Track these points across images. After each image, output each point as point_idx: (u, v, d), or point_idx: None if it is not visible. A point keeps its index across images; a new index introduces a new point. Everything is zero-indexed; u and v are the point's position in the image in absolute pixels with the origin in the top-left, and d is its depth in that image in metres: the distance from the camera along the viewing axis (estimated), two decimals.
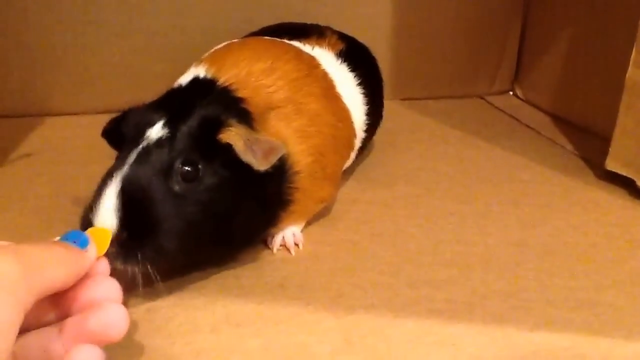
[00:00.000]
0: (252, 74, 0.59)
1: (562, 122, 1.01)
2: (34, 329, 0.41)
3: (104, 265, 0.45)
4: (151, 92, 0.60)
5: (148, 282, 0.48)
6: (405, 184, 0.76)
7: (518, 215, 0.69)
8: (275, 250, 0.60)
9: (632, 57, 0.73)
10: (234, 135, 0.50)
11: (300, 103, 0.60)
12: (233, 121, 0.52)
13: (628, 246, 0.62)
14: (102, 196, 0.48)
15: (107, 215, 0.47)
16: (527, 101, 1.13)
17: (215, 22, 0.99)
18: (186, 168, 0.50)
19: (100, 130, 0.57)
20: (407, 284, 0.55)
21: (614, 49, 0.89)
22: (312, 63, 0.66)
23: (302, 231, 0.63)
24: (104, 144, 0.91)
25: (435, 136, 0.95)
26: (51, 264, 0.38)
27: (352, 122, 0.69)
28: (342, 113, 0.67)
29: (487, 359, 0.45)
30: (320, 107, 0.62)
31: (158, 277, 0.48)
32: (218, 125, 0.51)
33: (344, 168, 0.71)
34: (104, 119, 0.54)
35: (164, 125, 0.51)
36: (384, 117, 0.84)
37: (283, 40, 0.70)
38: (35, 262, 0.37)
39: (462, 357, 0.45)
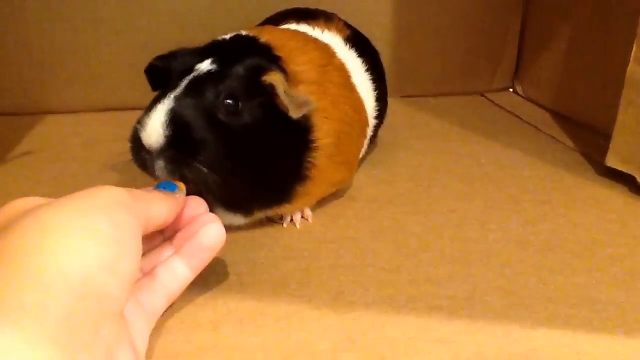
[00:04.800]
0: (287, 47, 0.61)
1: (562, 118, 1.01)
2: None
3: (204, 205, 0.51)
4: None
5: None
6: (406, 181, 0.76)
7: (518, 212, 0.69)
8: (285, 225, 0.63)
9: (632, 53, 0.73)
10: (276, 78, 0.55)
11: (324, 87, 0.62)
12: (276, 68, 0.57)
13: (629, 242, 0.62)
14: (151, 113, 0.51)
15: (155, 130, 0.51)
16: (527, 98, 1.13)
17: (214, 19, 0.99)
18: (229, 101, 0.54)
19: (99, 128, 0.58)
20: (407, 281, 0.55)
21: (614, 45, 0.89)
22: (330, 51, 0.68)
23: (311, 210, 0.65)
24: (103, 142, 0.91)
25: (435, 133, 0.95)
26: (154, 201, 0.44)
27: (365, 111, 0.71)
28: (357, 102, 0.69)
29: (487, 356, 0.45)
30: (340, 95, 0.63)
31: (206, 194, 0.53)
32: (262, 69, 0.56)
33: (360, 156, 0.74)
34: (103, 117, 0.54)
35: (213, 62, 0.55)
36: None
37: (291, 25, 0.73)
38: (141, 196, 0.42)
39: (462, 354, 0.45)
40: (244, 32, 0.62)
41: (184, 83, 0.54)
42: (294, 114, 0.55)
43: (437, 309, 0.51)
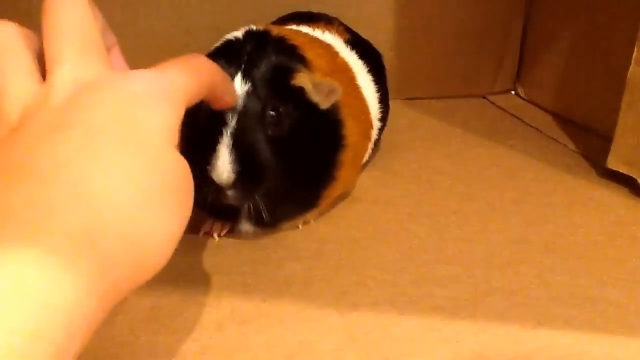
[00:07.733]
0: (297, 40, 0.62)
1: (563, 120, 1.02)
2: None
3: None
4: None
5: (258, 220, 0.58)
6: (408, 182, 0.77)
7: (520, 213, 0.69)
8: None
9: (634, 55, 0.73)
10: (304, 78, 0.56)
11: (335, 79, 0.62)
12: (300, 66, 0.57)
13: (629, 244, 0.63)
14: (217, 152, 0.53)
15: (225, 169, 0.53)
16: (529, 100, 1.13)
17: (219, 22, 0.99)
18: (273, 113, 0.56)
19: None
20: (410, 281, 0.55)
21: (615, 47, 0.90)
22: (332, 50, 0.68)
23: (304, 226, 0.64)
24: None
25: (437, 135, 0.95)
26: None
27: (370, 113, 0.71)
28: (363, 104, 0.69)
29: (490, 356, 0.46)
30: (346, 95, 0.63)
31: (266, 213, 0.56)
32: (289, 71, 0.56)
33: (363, 160, 0.74)
34: None
35: (243, 78, 0.55)
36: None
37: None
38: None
39: (465, 354, 0.46)
40: (254, 27, 0.62)
41: (231, 113, 0.55)
42: (324, 105, 0.57)
43: (439, 309, 0.51)
